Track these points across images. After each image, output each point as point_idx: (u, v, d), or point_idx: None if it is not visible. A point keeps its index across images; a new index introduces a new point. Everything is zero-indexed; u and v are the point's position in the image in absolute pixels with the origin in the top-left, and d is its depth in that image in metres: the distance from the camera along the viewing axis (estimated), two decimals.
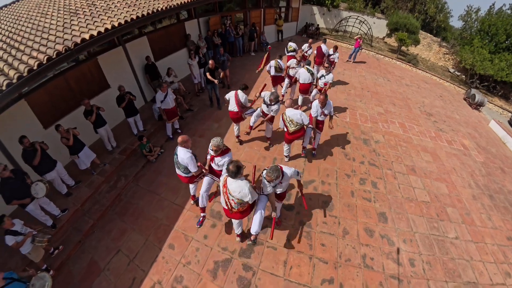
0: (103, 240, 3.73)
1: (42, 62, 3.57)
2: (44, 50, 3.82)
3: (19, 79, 3.31)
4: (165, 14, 5.78)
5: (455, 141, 7.05)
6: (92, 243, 3.71)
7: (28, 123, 4.20)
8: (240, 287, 3.00)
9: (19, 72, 3.37)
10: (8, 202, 3.25)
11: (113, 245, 3.61)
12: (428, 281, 3.28)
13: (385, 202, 4.29)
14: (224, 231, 3.64)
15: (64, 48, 3.83)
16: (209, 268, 3.18)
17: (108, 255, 3.49)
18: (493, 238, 4.38)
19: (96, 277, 3.24)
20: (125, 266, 3.31)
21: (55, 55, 3.71)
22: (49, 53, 3.71)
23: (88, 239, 3.78)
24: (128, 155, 5.18)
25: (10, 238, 2.85)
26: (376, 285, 3.07)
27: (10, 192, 3.24)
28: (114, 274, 3.24)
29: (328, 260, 3.26)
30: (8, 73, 3.39)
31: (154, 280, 3.11)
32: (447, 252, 3.78)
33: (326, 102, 4.38)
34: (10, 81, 3.23)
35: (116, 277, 3.20)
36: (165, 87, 4.88)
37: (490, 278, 3.65)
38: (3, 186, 3.23)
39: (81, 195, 4.33)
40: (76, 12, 5.27)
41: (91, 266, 3.39)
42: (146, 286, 3.06)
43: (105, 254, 3.50)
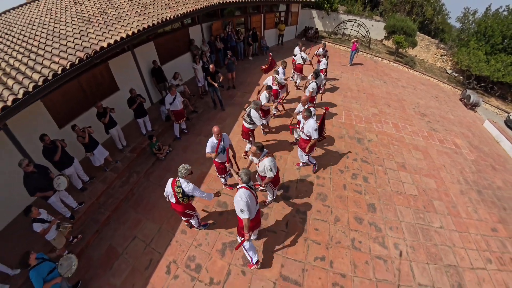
0: (119, 229, 4.21)
1: (66, 68, 4.05)
2: (65, 56, 4.31)
3: (44, 82, 3.75)
4: (173, 22, 6.37)
5: (447, 140, 7.53)
6: (109, 232, 4.18)
7: (44, 123, 4.60)
8: (245, 263, 3.52)
9: (43, 76, 3.81)
10: (32, 194, 3.60)
11: (129, 233, 4.10)
12: (410, 262, 3.76)
13: (375, 194, 4.79)
14: (230, 219, 4.15)
15: (85, 55, 4.35)
16: (217, 248, 3.71)
17: (125, 241, 3.97)
18: (478, 229, 4.84)
19: (116, 260, 3.72)
20: (142, 250, 3.82)
21: (77, 61, 4.21)
22: (71, 59, 4.21)
23: (105, 229, 4.25)
24: (139, 153, 5.71)
25: (37, 225, 3.23)
26: (363, 263, 3.56)
27: (34, 185, 3.58)
28: (132, 257, 3.73)
29: (321, 242, 3.77)
30: (32, 76, 3.82)
31: (169, 260, 3.62)
32: (430, 239, 4.26)
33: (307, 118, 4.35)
34: (36, 83, 3.65)
35: (135, 259, 3.70)
36: (174, 90, 5.42)
37: (470, 263, 4.11)
38: (28, 180, 3.57)
39: (96, 189, 4.81)
40: (90, 20, 5.81)
41: (109, 251, 3.87)
42: (162, 265, 3.57)
43: (122, 241, 3.99)
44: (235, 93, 8.06)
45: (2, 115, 3.29)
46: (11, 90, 3.59)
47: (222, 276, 3.40)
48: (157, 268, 3.54)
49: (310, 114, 4.37)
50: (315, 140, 4.38)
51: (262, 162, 3.51)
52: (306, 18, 14.84)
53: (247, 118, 4.64)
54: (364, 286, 3.34)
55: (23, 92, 3.49)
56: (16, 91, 3.52)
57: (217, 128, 3.73)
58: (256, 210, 3.09)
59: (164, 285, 3.35)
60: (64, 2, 7.59)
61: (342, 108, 7.73)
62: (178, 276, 3.43)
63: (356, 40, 11.06)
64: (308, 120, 4.35)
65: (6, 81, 3.79)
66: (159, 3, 7.29)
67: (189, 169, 3.18)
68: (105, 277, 3.52)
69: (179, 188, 3.19)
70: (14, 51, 4.73)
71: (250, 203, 2.86)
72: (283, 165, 5.25)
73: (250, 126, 4.73)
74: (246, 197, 2.82)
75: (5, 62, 4.35)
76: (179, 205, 3.39)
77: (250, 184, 2.92)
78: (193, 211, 3.63)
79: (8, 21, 6.82)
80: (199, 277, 3.41)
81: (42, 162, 4.05)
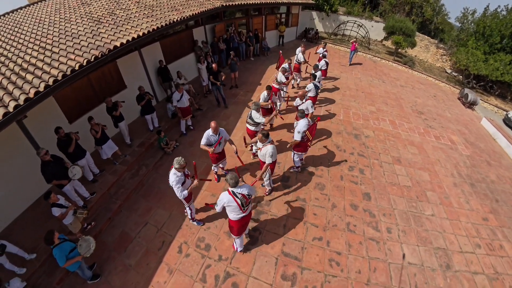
0: (130, 216, 4.61)
1: (82, 64, 4.43)
2: (80, 54, 4.70)
3: (63, 77, 4.11)
4: (180, 24, 6.87)
5: (443, 136, 7.96)
6: (121, 219, 4.57)
7: (55, 118, 4.91)
8: (250, 242, 3.98)
9: (62, 71, 4.17)
10: (49, 181, 3.92)
11: (141, 220, 4.50)
12: (401, 244, 4.17)
13: (370, 185, 5.22)
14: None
15: (100, 53, 4.77)
16: (225, 230, 4.14)
17: (138, 227, 4.37)
18: (468, 218, 5.22)
19: (129, 244, 4.11)
20: (154, 233, 4.23)
21: (93, 59, 4.61)
22: (87, 56, 4.61)
23: (117, 217, 4.64)
24: (147, 148, 6.16)
25: (56, 210, 3.53)
26: (357, 244, 3.99)
27: (50, 173, 3.88)
28: (145, 240, 4.14)
29: (319, 225, 4.21)
30: (50, 72, 4.14)
31: (181, 241, 4.06)
32: (422, 225, 4.67)
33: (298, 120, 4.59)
34: (55, 77, 4.01)
35: (148, 241, 4.11)
36: (181, 88, 5.90)
37: (459, 247, 4.50)
38: (45, 168, 3.85)
39: (106, 181, 5.21)
40: (100, 21, 6.25)
41: (122, 236, 4.26)
42: (174, 246, 4.00)
43: (134, 227, 4.38)
44: (237, 92, 8.55)
45: (25, 106, 3.63)
46: (31, 83, 3.94)
47: (230, 253, 3.84)
48: (169, 249, 3.95)
49: (303, 116, 4.59)
50: (296, 142, 4.51)
51: (266, 147, 3.93)
52: (307, 20, 15.40)
53: (250, 120, 4.91)
54: (358, 263, 3.75)
55: (44, 85, 3.81)
56: (37, 85, 3.87)
57: (214, 123, 4.10)
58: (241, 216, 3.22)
59: (177, 262, 3.77)
60: (72, 2, 8.01)
61: (340, 106, 8.18)
62: (189, 255, 3.86)
63: (355, 40, 11.56)
64: (300, 121, 4.56)
65: (25, 76, 4.14)
66: (165, 5, 7.81)
67: (180, 163, 3.39)
68: (120, 259, 3.88)
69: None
70: (28, 48, 5.06)
71: (228, 208, 3.12)
72: (284, 158, 5.70)
73: (254, 128, 5.02)
74: (224, 199, 3.06)
75: (21, 58, 4.68)
76: None
77: (235, 191, 3.04)
78: (186, 202, 3.87)
79: (18, 20, 7.16)
80: (208, 254, 3.83)
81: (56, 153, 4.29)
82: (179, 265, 3.75)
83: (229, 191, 3.06)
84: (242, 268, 3.65)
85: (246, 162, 5.42)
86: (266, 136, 3.94)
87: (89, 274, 3.54)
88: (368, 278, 3.61)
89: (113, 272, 3.72)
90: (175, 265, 3.75)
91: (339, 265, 3.71)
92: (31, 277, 3.66)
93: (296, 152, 4.87)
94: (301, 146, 4.68)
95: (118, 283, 3.60)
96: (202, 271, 3.65)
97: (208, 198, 4.80)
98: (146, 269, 3.74)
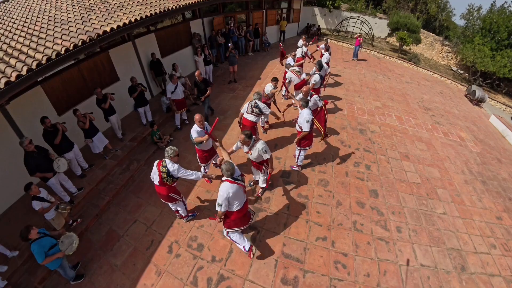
0: (119, 213, 4.35)
1: (69, 49, 4.18)
2: (68, 39, 4.43)
3: (48, 61, 3.85)
4: (175, 13, 6.64)
5: (452, 133, 7.68)
6: (109, 216, 4.32)
7: (43, 109, 4.70)
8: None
9: (46, 55, 3.91)
10: (32, 173, 3.71)
11: (130, 217, 4.24)
12: (412, 245, 3.87)
13: (377, 181, 4.93)
14: None
15: (88, 37, 4.50)
16: (220, 229, 3.82)
17: (126, 224, 4.11)
18: (482, 217, 4.94)
19: (116, 242, 3.85)
20: (143, 232, 3.95)
21: (80, 43, 4.35)
22: (75, 41, 4.34)
23: (105, 214, 4.39)
24: (139, 142, 5.89)
25: (37, 203, 3.33)
26: (364, 244, 3.68)
27: (34, 165, 3.68)
28: (133, 239, 3.87)
29: (323, 224, 3.90)
30: (35, 56, 3.89)
31: (171, 240, 3.77)
32: (433, 224, 4.37)
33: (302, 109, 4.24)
34: (39, 61, 3.77)
35: (136, 240, 3.84)
36: (175, 79, 5.64)
37: (474, 247, 4.21)
38: (28, 159, 3.66)
39: (95, 176, 4.96)
40: (91, 8, 6.06)
41: (109, 234, 4.00)
42: (164, 245, 3.71)
43: (123, 224, 4.12)
44: (236, 86, 8.30)
45: (5, 90, 3.37)
46: (14, 67, 3.69)
47: (224, 254, 3.54)
48: (159, 248, 3.67)
49: (306, 105, 4.26)
50: (305, 133, 4.17)
51: (254, 147, 3.53)
52: (308, 16, 15.22)
53: (256, 109, 4.53)
54: (366, 265, 3.45)
55: (27, 69, 3.58)
56: (20, 69, 3.63)
57: (198, 115, 3.80)
58: (244, 202, 3.04)
59: (167, 263, 3.48)
60: None
61: (344, 101, 7.92)
62: (180, 255, 3.57)
63: (360, 35, 11.36)
64: (303, 110, 4.21)
65: (8, 60, 3.89)
66: None
67: (175, 150, 3.24)
68: (106, 258, 3.63)
69: (165, 168, 3.23)
70: (15, 35, 4.82)
71: (234, 196, 2.84)
72: (285, 153, 5.42)
73: (254, 119, 4.63)
74: (228, 191, 2.78)
75: (6, 44, 4.45)
76: (163, 187, 3.39)
77: (235, 177, 2.86)
78: (178, 196, 3.62)
79: (7, 10, 6.99)
80: (201, 255, 3.54)
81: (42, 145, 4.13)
82: (168, 266, 3.47)
83: (229, 180, 2.83)
84: (238, 271, 3.35)
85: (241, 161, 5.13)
86: (249, 136, 3.49)
87: (71, 274, 3.30)
88: (377, 281, 3.31)
89: (97, 272, 3.49)
90: (164, 266, 3.48)
91: (345, 268, 3.40)
92: (13, 276, 3.45)
93: (302, 148, 4.50)
94: (307, 139, 4.36)
95: (102, 284, 3.33)
96: (194, 273, 3.36)
97: (203, 194, 4.51)
98: (132, 270, 3.47)
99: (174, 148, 3.25)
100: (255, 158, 3.69)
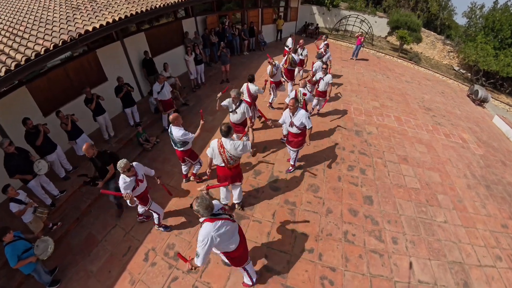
0: (100, 217, 4.12)
1: (49, 49, 4.04)
2: (49, 39, 4.29)
3: (26, 62, 3.74)
4: (163, 11, 6.31)
5: (454, 134, 7.23)
6: (89, 220, 4.10)
7: (28, 110, 4.56)
8: None
9: (26, 56, 3.80)
10: (11, 175, 3.61)
11: (110, 221, 4.00)
12: (410, 258, 3.47)
13: (373, 187, 4.53)
14: None
15: (69, 37, 4.32)
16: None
17: (106, 229, 3.88)
18: (486, 225, 4.52)
19: (94, 247, 3.64)
20: (121, 237, 3.69)
21: (61, 43, 4.20)
22: (55, 41, 4.19)
23: (86, 217, 4.16)
24: (125, 144, 5.59)
25: (14, 205, 3.24)
26: (356, 257, 3.30)
27: (13, 166, 3.60)
28: (111, 244, 3.63)
29: (310, 234, 3.53)
30: (15, 57, 3.83)
31: (148, 248, 3.50)
32: (433, 234, 3.97)
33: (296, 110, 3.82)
34: (18, 62, 3.66)
35: (113, 246, 3.60)
36: (162, 78, 5.32)
37: (478, 260, 3.81)
38: (8, 161, 3.59)
39: (78, 178, 4.66)
40: (78, 8, 5.85)
41: (89, 239, 3.79)
42: (141, 252, 3.46)
43: (102, 229, 3.90)
44: (228, 86, 7.91)
45: None
46: None
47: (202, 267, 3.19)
48: (135, 255, 3.43)
49: (299, 104, 4.05)
50: (311, 128, 3.87)
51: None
52: (306, 14, 14.79)
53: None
54: (357, 281, 3.06)
55: (5, 70, 3.50)
56: None
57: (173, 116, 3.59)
58: (238, 241, 2.36)
59: (141, 272, 3.22)
60: None
61: (340, 101, 7.52)
62: (156, 264, 3.30)
63: (361, 34, 10.93)
64: (298, 111, 3.81)
65: None
66: None
67: (126, 163, 2.83)
68: (83, 263, 3.44)
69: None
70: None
71: (221, 238, 2.13)
72: (274, 156, 5.05)
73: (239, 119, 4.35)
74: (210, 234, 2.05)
75: None
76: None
77: (216, 212, 2.16)
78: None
79: None
80: (177, 264, 3.26)
81: (24, 147, 4.03)
82: (143, 275, 3.20)
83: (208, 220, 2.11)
84: (214, 284, 3.02)
85: None
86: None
87: (46, 279, 3.15)
88: None
89: (74, 278, 3.30)
90: (138, 275, 3.21)
91: (333, 284, 3.02)
92: None
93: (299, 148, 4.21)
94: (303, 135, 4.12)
95: None
96: (167, 284, 3.06)
97: (185, 199, 4.17)
98: (107, 277, 3.23)
99: (125, 161, 2.86)
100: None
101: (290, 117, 3.86)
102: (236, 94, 4.01)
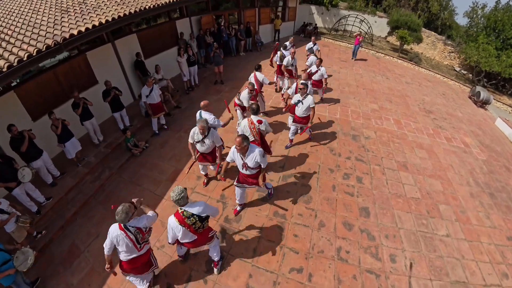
0: (84, 225, 3.88)
1: (32, 54, 3.77)
2: (34, 43, 4.02)
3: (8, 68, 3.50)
4: (153, 12, 5.97)
5: (455, 138, 6.82)
6: (74, 228, 3.88)
7: (17, 115, 4.41)
8: (208, 268, 3.04)
9: (8, 62, 3.55)
10: None
11: (94, 230, 3.76)
12: (409, 278, 3.12)
13: (369, 197, 4.17)
14: None
15: (53, 42, 4.03)
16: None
17: (89, 239, 3.64)
18: (491, 238, 4.16)
19: (76, 259, 3.41)
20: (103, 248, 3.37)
21: (44, 48, 3.91)
22: (39, 46, 3.92)
23: (70, 226, 3.93)
24: (113, 148, 5.29)
25: None
26: (349, 278, 2.95)
27: None
28: (93, 256, 3.40)
29: (300, 251, 3.19)
30: None
31: None
32: (434, 249, 3.61)
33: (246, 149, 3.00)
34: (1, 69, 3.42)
35: (95, 258, 3.35)
36: (150, 82, 5.01)
37: (483, 278, 3.45)
38: None
39: (66, 184, 4.50)
40: (67, 10, 5.55)
41: (72, 249, 3.57)
42: None
43: (85, 238, 3.66)
44: (222, 88, 7.59)
45: None
46: None
47: (182, 281, 2.93)
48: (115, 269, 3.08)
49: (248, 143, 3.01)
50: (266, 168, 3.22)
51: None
52: (305, 14, 14.34)
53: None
54: None
55: None
56: None
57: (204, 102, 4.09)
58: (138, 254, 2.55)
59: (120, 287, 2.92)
60: None
61: (337, 104, 7.13)
62: None
63: (359, 34, 10.50)
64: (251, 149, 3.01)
65: None
66: None
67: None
68: (64, 275, 3.25)
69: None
70: None
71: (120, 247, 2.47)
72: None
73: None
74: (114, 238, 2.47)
75: None
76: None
77: (126, 225, 2.44)
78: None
79: None
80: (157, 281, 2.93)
81: (11, 154, 3.92)
82: None
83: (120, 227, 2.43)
84: None
85: None
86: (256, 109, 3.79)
87: None
88: None
89: None
90: None
91: None
92: None
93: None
94: None
95: None
96: None
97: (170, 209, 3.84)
98: None
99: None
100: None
101: (241, 158, 3.08)
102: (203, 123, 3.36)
